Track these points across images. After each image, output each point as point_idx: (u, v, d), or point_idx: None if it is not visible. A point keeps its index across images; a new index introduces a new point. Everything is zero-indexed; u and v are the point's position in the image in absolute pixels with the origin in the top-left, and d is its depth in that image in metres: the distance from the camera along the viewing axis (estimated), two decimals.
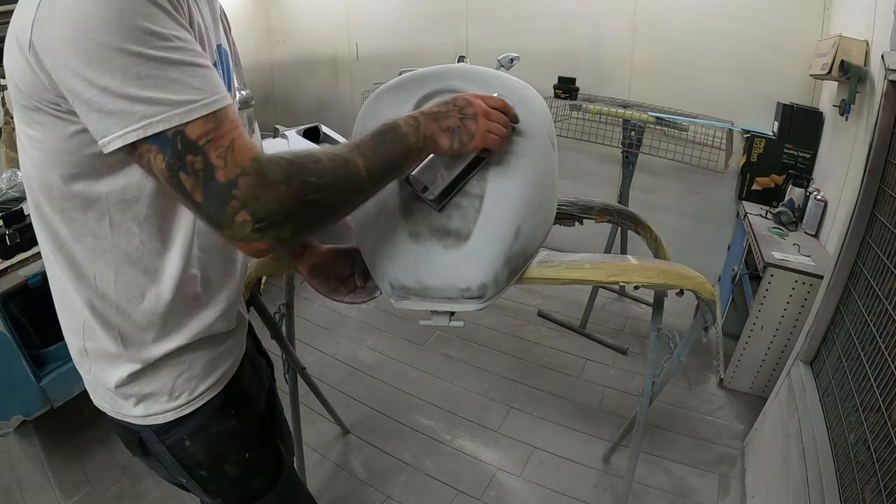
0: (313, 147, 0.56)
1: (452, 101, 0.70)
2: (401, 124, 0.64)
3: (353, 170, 0.56)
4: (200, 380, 0.70)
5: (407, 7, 3.27)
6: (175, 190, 0.49)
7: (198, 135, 0.48)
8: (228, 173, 0.48)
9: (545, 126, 0.83)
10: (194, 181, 0.48)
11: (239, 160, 0.48)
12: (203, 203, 0.48)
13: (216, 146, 0.48)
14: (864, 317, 1.17)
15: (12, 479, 1.61)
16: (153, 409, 0.68)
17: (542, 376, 2.08)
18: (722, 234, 2.61)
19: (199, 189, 0.48)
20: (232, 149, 0.48)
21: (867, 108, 1.65)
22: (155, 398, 0.68)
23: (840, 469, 1.08)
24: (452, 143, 0.69)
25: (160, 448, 0.70)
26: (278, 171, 0.50)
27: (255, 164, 0.49)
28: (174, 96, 0.47)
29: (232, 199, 0.48)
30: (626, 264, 0.89)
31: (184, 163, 0.48)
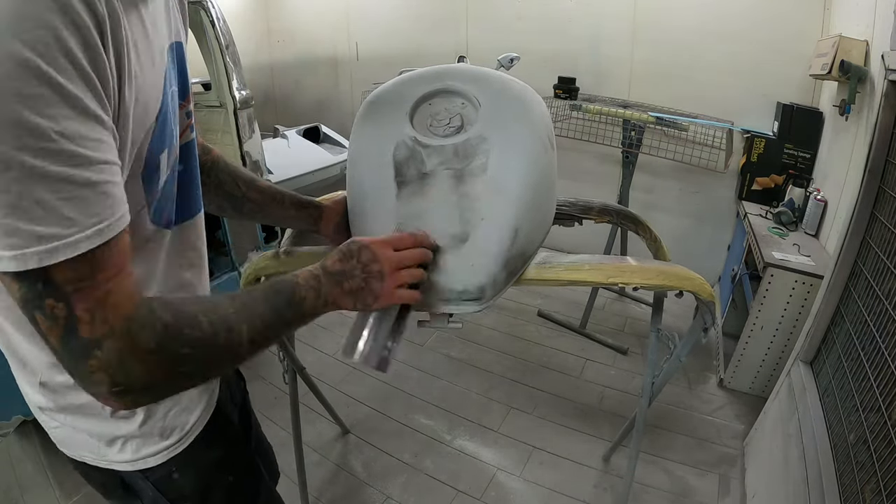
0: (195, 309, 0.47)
1: (357, 253, 0.64)
2: (301, 285, 0.58)
3: (234, 340, 0.49)
4: (190, 412, 0.65)
5: (407, 7, 3.27)
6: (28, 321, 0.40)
7: (65, 279, 0.38)
8: (94, 331, 0.39)
9: (544, 127, 0.83)
10: (51, 325, 0.39)
11: (110, 318, 0.40)
12: (58, 350, 0.40)
13: (85, 297, 0.39)
14: (864, 317, 1.17)
15: (12, 479, 1.61)
16: (143, 453, 0.62)
17: (542, 376, 2.08)
18: (722, 234, 2.61)
19: (56, 336, 0.39)
20: (104, 303, 0.40)
21: (867, 108, 1.65)
22: (144, 439, 0.62)
23: (840, 469, 1.08)
24: (356, 305, 0.64)
25: (144, 485, 0.65)
26: (152, 337, 0.42)
27: (128, 325, 0.41)
28: (35, 226, 0.36)
29: (92, 358, 0.40)
30: (624, 265, 0.89)
31: (42, 304, 0.38)
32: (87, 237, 0.38)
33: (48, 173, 0.36)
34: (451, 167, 0.78)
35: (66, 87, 0.37)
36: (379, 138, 0.82)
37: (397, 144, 0.80)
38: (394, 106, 0.84)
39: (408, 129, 0.81)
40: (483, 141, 0.78)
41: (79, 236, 0.38)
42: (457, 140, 0.79)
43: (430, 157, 0.79)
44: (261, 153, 2.49)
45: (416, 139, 0.80)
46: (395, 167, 0.80)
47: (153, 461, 0.63)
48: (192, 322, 0.46)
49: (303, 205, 0.88)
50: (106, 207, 0.40)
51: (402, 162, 0.80)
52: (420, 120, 0.83)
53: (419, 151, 0.79)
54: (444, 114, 0.82)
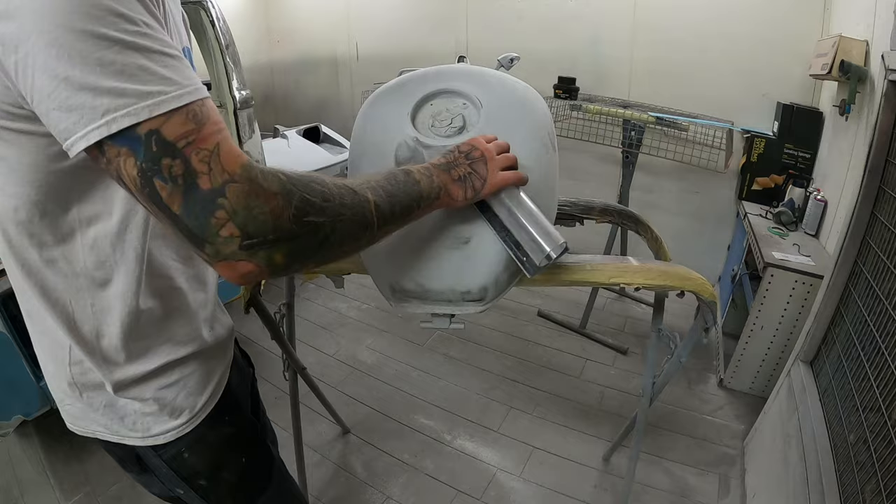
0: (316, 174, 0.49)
1: (456, 149, 0.70)
2: (413, 171, 0.62)
3: (360, 201, 0.50)
4: (198, 394, 0.68)
5: (407, 7, 3.27)
6: (149, 201, 0.42)
7: (176, 135, 0.41)
8: (214, 180, 0.41)
9: (545, 127, 0.83)
10: (171, 188, 0.40)
11: (226, 165, 0.41)
12: (182, 214, 0.41)
13: (198, 149, 0.41)
14: (864, 317, 1.17)
15: (12, 479, 1.61)
16: (153, 430, 0.65)
17: (542, 376, 2.08)
18: (722, 234, 2.61)
19: (178, 197, 0.40)
20: (217, 153, 0.41)
21: (867, 108, 1.65)
22: (154, 418, 0.64)
23: (840, 469, 1.09)
24: (466, 192, 0.68)
25: (157, 462, 0.68)
26: (275, 181, 0.43)
27: (246, 171, 0.42)
28: (141, 86, 0.40)
29: (217, 209, 0.41)
30: (626, 265, 0.88)
31: (159, 167, 0.40)
32: (188, 92, 0.42)
33: (144, 46, 0.41)
34: None
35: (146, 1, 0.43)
36: (380, 139, 0.82)
37: (399, 145, 0.80)
38: (395, 106, 0.84)
39: (409, 130, 0.81)
40: None
41: (180, 91, 0.42)
42: (458, 140, 0.79)
43: (431, 158, 0.79)
44: (261, 153, 2.49)
45: (417, 139, 0.80)
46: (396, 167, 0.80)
47: (163, 439, 0.65)
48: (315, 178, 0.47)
49: None
50: (193, 76, 0.44)
51: (404, 162, 0.79)
52: (421, 120, 0.83)
53: (421, 152, 0.79)
54: (446, 114, 0.82)
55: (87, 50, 0.39)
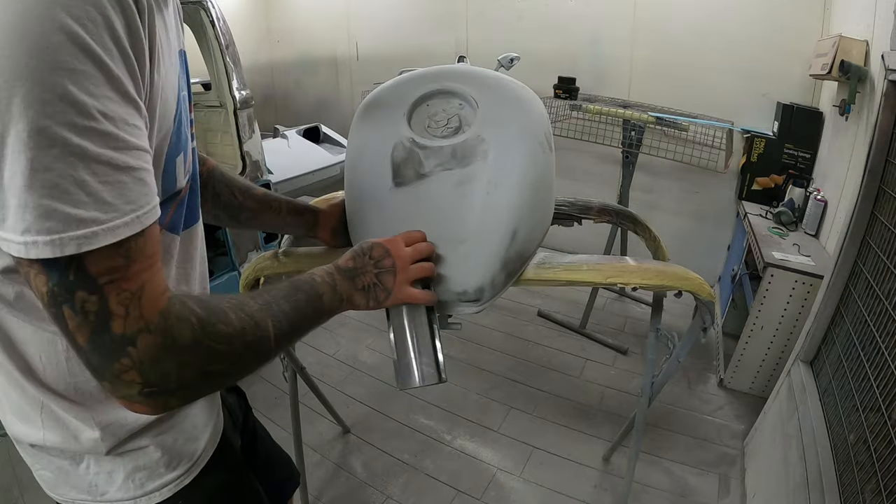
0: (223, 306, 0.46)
1: (369, 251, 0.65)
2: (318, 282, 0.59)
3: (261, 337, 0.48)
4: (198, 438, 0.62)
5: (407, 7, 3.27)
6: (53, 320, 0.37)
7: (99, 269, 0.36)
8: (128, 326, 0.37)
9: (541, 127, 0.83)
10: (80, 321, 0.36)
11: (145, 312, 0.38)
12: (86, 348, 0.37)
13: (120, 289, 0.37)
14: (864, 317, 1.17)
15: (12, 479, 1.61)
16: (147, 487, 0.57)
17: (542, 376, 2.08)
18: (722, 234, 2.61)
19: (85, 333, 0.37)
20: (139, 296, 0.38)
21: (867, 108, 1.65)
22: (149, 471, 0.57)
23: (840, 469, 1.08)
24: (368, 302, 0.65)
25: None
26: (187, 332, 0.40)
27: (163, 320, 0.39)
28: (73, 209, 0.34)
29: (124, 356, 0.38)
30: (623, 266, 0.89)
31: (72, 297, 0.36)
32: (125, 223, 0.37)
33: (90, 154, 0.34)
34: (449, 168, 0.78)
35: (110, 66, 0.35)
36: (377, 139, 0.82)
37: (395, 146, 0.80)
38: (392, 107, 0.84)
39: (406, 131, 0.81)
40: (481, 142, 0.78)
41: (118, 222, 0.36)
42: (455, 141, 0.79)
43: (428, 159, 0.79)
44: (261, 153, 2.49)
45: (414, 140, 0.80)
46: (393, 168, 0.80)
47: (159, 496, 0.58)
48: (223, 317, 0.44)
49: (299, 211, 0.88)
50: (142, 195, 0.38)
51: (400, 163, 0.79)
52: (418, 121, 0.83)
53: (417, 153, 0.79)
54: (442, 115, 0.82)
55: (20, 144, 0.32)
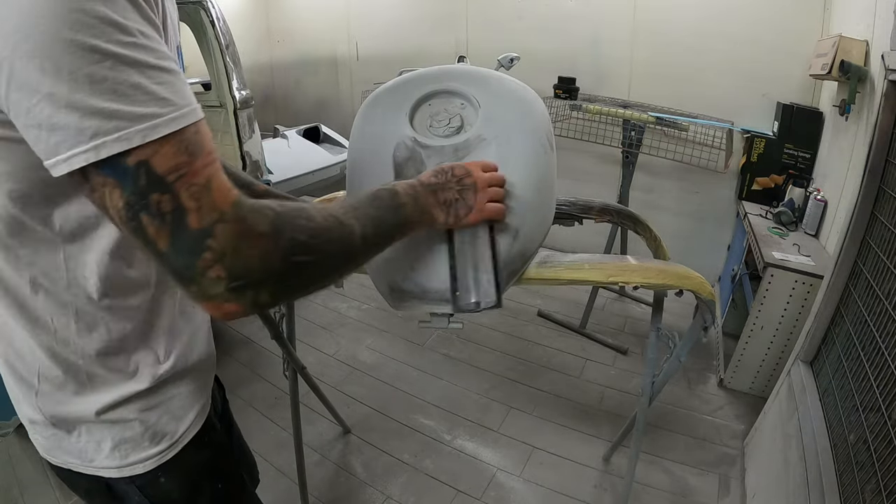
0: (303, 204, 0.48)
1: (450, 170, 0.67)
2: (399, 192, 0.60)
3: (347, 233, 0.49)
4: (182, 418, 0.63)
5: (407, 7, 3.27)
6: (134, 235, 0.39)
7: (167, 167, 0.38)
8: (203, 219, 0.38)
9: (543, 127, 0.83)
10: (159, 225, 0.38)
11: (217, 203, 0.39)
12: (168, 252, 0.39)
13: (189, 183, 0.38)
14: (864, 317, 1.17)
15: (12, 479, 1.61)
16: (131, 458, 0.59)
17: (542, 376, 2.08)
18: (722, 234, 2.61)
19: (165, 235, 0.38)
20: (208, 189, 0.39)
21: (867, 108, 1.65)
22: (133, 444, 0.59)
23: (840, 469, 1.08)
24: (448, 218, 0.66)
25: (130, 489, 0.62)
26: (265, 221, 0.41)
27: (237, 209, 0.40)
28: (135, 107, 0.37)
29: (205, 251, 0.38)
30: (625, 264, 0.88)
31: (147, 201, 0.38)
32: (183, 115, 0.39)
33: (139, 61, 0.38)
34: None
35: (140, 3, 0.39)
36: (379, 139, 0.82)
37: (397, 145, 0.80)
38: (393, 106, 0.84)
39: (407, 130, 0.81)
40: (482, 141, 0.79)
41: (176, 113, 0.39)
42: (456, 141, 0.79)
43: (429, 158, 0.79)
44: (261, 153, 2.49)
45: (415, 140, 0.80)
46: (394, 168, 0.80)
47: (141, 468, 0.60)
48: (303, 213, 0.45)
49: None
50: (191, 95, 0.41)
51: (402, 163, 0.79)
52: (420, 120, 0.83)
53: (419, 152, 0.79)
54: (444, 114, 0.82)
55: (75, 64, 0.35)
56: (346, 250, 0.49)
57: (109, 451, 0.59)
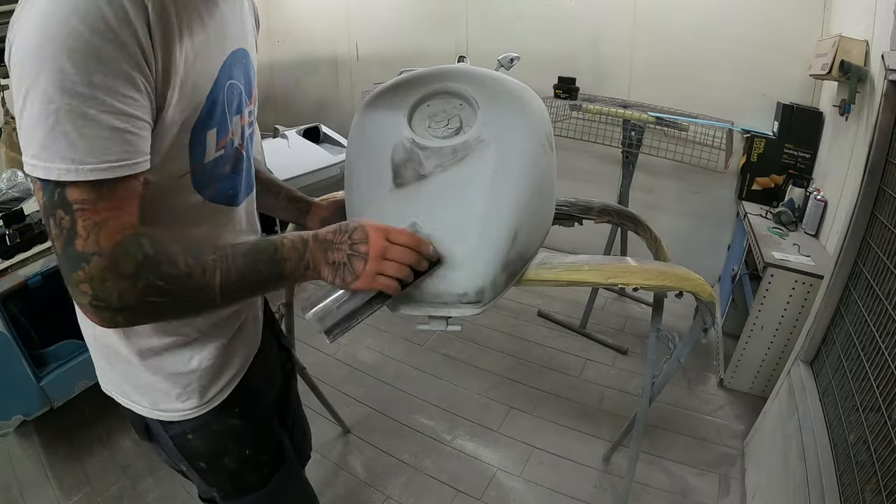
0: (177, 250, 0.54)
1: (351, 231, 0.64)
2: (285, 247, 0.60)
3: (204, 283, 0.54)
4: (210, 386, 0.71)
5: (407, 7, 3.27)
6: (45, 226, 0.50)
7: (74, 198, 0.48)
8: (86, 246, 0.48)
9: (542, 128, 0.83)
10: (57, 233, 0.48)
11: (101, 240, 0.48)
12: (59, 255, 0.49)
13: (86, 217, 0.48)
14: (864, 317, 1.17)
15: (12, 479, 1.61)
16: (160, 406, 0.70)
17: (542, 376, 2.08)
18: (722, 234, 2.61)
19: (60, 243, 0.49)
20: (99, 227, 0.48)
21: (867, 108, 1.65)
22: (163, 395, 0.69)
23: (840, 469, 1.08)
24: (335, 279, 0.64)
25: (164, 436, 0.73)
26: (131, 265, 0.50)
27: (113, 251, 0.49)
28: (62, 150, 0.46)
29: (80, 269, 0.48)
30: (624, 266, 0.88)
31: (55, 213, 0.48)
32: (99, 170, 0.48)
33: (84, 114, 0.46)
34: (449, 169, 0.78)
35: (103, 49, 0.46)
36: (377, 140, 0.82)
37: (395, 146, 0.80)
38: (392, 107, 0.84)
39: (406, 131, 0.81)
40: (481, 142, 0.78)
41: (93, 167, 0.47)
42: (455, 142, 0.79)
43: (428, 159, 0.78)
44: (261, 153, 2.49)
45: (414, 141, 0.80)
46: (393, 169, 0.79)
47: (167, 416, 0.70)
48: (171, 259, 0.53)
49: (295, 198, 0.93)
50: (123, 152, 0.49)
51: (401, 164, 0.79)
52: (418, 121, 0.82)
53: (417, 153, 0.79)
54: (443, 115, 0.82)
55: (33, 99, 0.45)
56: (201, 299, 0.56)
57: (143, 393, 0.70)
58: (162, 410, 0.70)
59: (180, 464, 0.77)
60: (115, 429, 1.75)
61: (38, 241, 1.58)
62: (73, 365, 1.58)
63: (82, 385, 1.60)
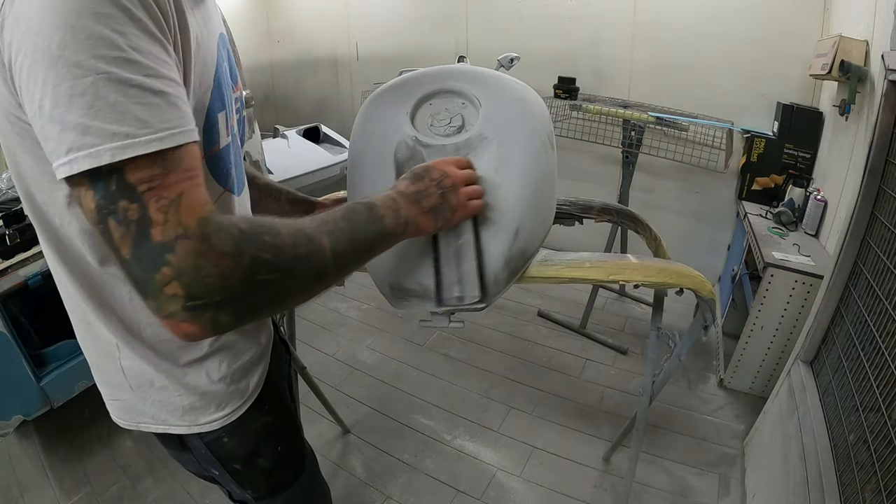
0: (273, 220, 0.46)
1: (427, 174, 0.65)
2: (378, 205, 0.58)
3: (316, 249, 0.47)
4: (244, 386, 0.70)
5: (407, 7, 3.27)
6: (102, 237, 0.40)
7: (138, 178, 0.39)
8: (166, 233, 0.39)
9: (544, 127, 0.83)
10: (124, 232, 0.39)
11: (183, 219, 0.39)
12: (130, 260, 0.40)
13: (158, 196, 0.39)
14: (864, 317, 1.17)
15: (12, 479, 1.61)
16: (200, 420, 0.66)
17: (542, 376, 2.08)
18: (722, 233, 2.61)
19: (128, 243, 0.39)
20: (177, 203, 0.40)
21: (867, 108, 1.65)
22: (202, 410, 0.66)
23: (840, 469, 1.08)
24: (437, 223, 0.65)
25: (198, 443, 0.70)
26: (228, 240, 0.41)
27: (202, 227, 0.40)
28: (108, 125, 0.38)
29: (164, 265, 0.39)
30: (625, 263, 0.89)
31: (116, 207, 0.39)
32: (159, 139, 0.40)
33: (122, 79, 0.39)
34: None
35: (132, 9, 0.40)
36: (380, 138, 0.82)
37: (398, 144, 0.80)
38: (394, 106, 0.84)
39: (409, 129, 0.81)
40: (483, 141, 0.79)
41: (151, 137, 0.39)
42: (457, 140, 0.79)
43: (430, 157, 0.79)
44: (261, 153, 2.49)
45: (416, 139, 0.80)
46: (396, 167, 0.80)
47: (208, 427, 0.67)
48: (271, 229, 0.45)
49: (297, 200, 0.92)
50: (176, 116, 0.42)
51: (403, 162, 0.80)
52: (421, 120, 0.83)
53: (420, 151, 0.80)
54: (445, 114, 0.82)
55: (59, 78, 0.37)
56: (315, 267, 0.48)
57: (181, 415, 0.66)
58: (202, 424, 0.67)
59: (213, 469, 0.74)
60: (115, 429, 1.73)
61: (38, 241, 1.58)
62: (73, 365, 1.58)
63: (82, 385, 1.60)
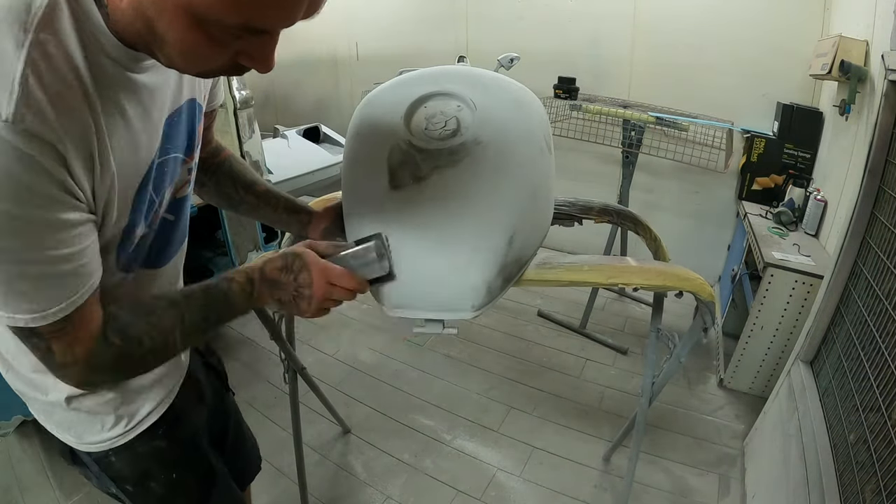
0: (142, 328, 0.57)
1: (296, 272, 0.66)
2: (234, 292, 0.63)
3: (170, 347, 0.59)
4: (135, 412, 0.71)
5: (407, 7, 3.27)
6: None
7: (47, 331, 0.50)
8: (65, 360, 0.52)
9: (540, 129, 0.82)
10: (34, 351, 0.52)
11: (77, 353, 0.52)
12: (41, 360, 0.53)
13: (59, 341, 0.51)
14: (864, 317, 1.17)
15: (12, 479, 1.61)
16: (86, 438, 0.70)
17: (542, 376, 2.08)
18: (722, 234, 2.61)
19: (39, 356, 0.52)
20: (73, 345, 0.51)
21: (867, 108, 1.65)
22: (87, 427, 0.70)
23: (840, 469, 1.09)
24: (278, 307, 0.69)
25: (87, 459, 0.73)
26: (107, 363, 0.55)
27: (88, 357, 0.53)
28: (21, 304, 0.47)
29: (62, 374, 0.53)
30: (624, 266, 0.88)
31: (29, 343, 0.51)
32: (62, 309, 0.49)
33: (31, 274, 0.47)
34: (446, 171, 0.77)
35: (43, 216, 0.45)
36: (374, 142, 0.81)
37: (392, 148, 0.79)
38: (389, 109, 0.83)
39: (403, 133, 0.80)
40: (478, 144, 0.77)
41: (55, 309, 0.49)
42: (452, 144, 0.78)
43: (424, 161, 0.77)
44: (261, 153, 2.48)
45: (410, 143, 0.79)
46: (389, 171, 0.78)
47: (95, 448, 0.71)
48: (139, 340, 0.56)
49: (295, 209, 0.90)
50: (80, 285, 0.50)
51: (397, 166, 0.78)
52: (415, 123, 0.81)
53: (414, 155, 0.78)
54: (440, 117, 0.81)
55: None
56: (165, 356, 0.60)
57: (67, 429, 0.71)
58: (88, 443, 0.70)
59: (109, 486, 0.76)
60: None
61: None
62: None
63: None
